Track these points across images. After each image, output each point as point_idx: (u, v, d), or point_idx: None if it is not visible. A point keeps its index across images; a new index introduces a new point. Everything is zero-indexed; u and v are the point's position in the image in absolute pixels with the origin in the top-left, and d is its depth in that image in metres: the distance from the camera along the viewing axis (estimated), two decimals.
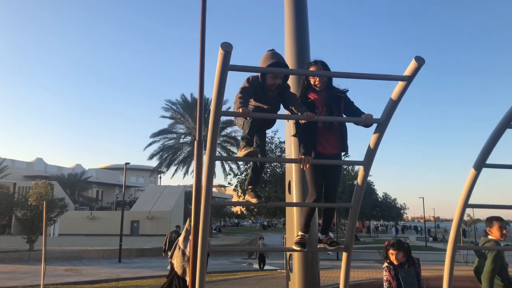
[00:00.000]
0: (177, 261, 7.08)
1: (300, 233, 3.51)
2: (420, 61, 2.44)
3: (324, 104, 3.38)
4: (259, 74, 3.25)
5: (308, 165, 3.12)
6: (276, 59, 3.22)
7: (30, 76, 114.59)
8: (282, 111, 3.43)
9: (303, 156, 3.10)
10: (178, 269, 7.03)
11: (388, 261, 4.42)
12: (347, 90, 3.44)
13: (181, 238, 7.28)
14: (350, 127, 3.43)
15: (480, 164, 2.98)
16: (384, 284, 4.39)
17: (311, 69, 3.48)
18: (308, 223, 3.52)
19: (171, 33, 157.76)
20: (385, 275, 4.39)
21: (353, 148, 3.62)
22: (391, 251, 4.36)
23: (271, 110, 3.32)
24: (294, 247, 3.37)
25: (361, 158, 3.13)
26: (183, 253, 7.00)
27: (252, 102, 3.28)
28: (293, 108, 3.21)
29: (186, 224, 7.22)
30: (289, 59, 4.78)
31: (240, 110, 2.73)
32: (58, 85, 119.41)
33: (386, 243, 4.61)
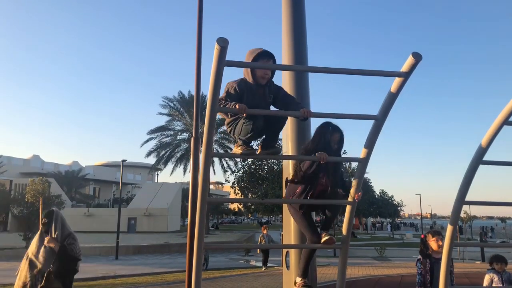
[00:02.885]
0: (20, 276, 4.76)
1: (299, 280, 3.46)
2: (417, 57, 2.42)
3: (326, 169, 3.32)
4: (247, 75, 3.12)
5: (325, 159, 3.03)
6: (262, 49, 3.12)
7: (27, 73, 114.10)
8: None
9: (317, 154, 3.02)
10: (17, 286, 4.71)
11: (423, 254, 4.36)
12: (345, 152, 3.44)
13: (33, 244, 4.97)
14: (349, 122, 3.40)
15: (477, 160, 2.97)
16: (417, 277, 4.35)
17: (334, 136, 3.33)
18: (307, 268, 3.48)
19: (168, 29, 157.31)
20: (419, 268, 4.33)
21: (350, 145, 3.61)
22: (433, 238, 4.31)
23: (264, 108, 3.19)
24: None
25: (358, 154, 3.12)
26: (31, 264, 4.75)
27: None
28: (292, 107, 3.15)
29: (40, 226, 5.09)
30: (286, 54, 4.76)
31: (236, 106, 2.68)
32: (55, 83, 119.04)
33: (422, 235, 4.59)
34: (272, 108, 3.31)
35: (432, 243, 4.33)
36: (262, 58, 3.08)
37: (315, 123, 3.64)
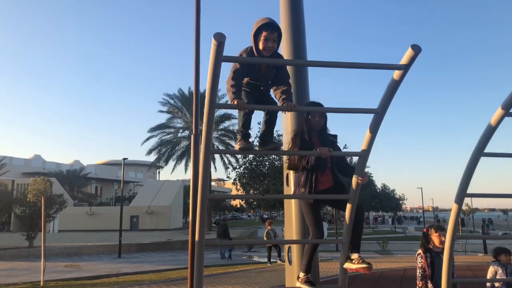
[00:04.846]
0: None
1: (302, 274, 3.44)
2: (416, 49, 2.40)
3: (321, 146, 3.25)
4: (252, 44, 3.07)
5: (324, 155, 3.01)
6: (267, 20, 3.02)
7: (28, 73, 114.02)
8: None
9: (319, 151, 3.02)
10: None
11: (424, 248, 4.35)
12: (336, 136, 3.42)
13: None
14: (348, 116, 3.37)
15: (479, 153, 2.95)
16: (418, 270, 4.34)
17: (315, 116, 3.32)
18: (310, 264, 3.46)
19: (169, 25, 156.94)
20: (420, 261, 4.32)
21: (350, 138, 3.59)
22: (435, 233, 4.30)
23: (263, 81, 3.18)
24: (303, 286, 3.35)
25: (358, 148, 3.10)
26: None
27: (244, 80, 3.10)
28: (278, 91, 3.08)
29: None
30: (285, 48, 4.74)
31: (235, 102, 2.68)
32: (55, 82, 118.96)
33: (424, 229, 4.56)
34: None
35: (435, 238, 4.31)
36: (265, 30, 3.00)
37: None
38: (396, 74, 2.57)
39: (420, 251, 4.42)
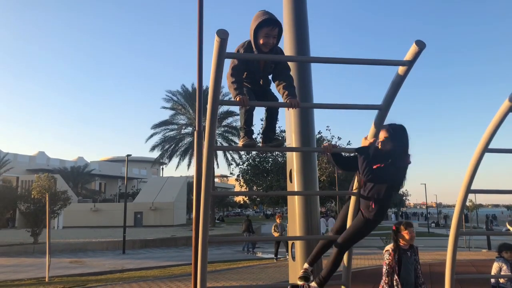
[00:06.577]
0: None
1: (305, 266, 3.47)
2: (420, 45, 2.39)
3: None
4: (251, 38, 2.99)
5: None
6: (267, 16, 2.94)
7: (32, 70, 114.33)
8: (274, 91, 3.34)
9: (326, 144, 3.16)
10: None
11: (395, 245, 4.37)
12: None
13: None
14: (351, 112, 3.37)
15: (483, 149, 2.94)
16: (384, 267, 4.38)
17: (382, 133, 3.11)
18: (318, 257, 3.50)
19: (171, 22, 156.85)
20: (387, 258, 4.35)
21: (354, 134, 3.59)
22: (405, 230, 4.32)
23: (262, 75, 3.15)
24: (298, 282, 3.38)
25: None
26: None
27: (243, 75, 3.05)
28: (280, 86, 3.00)
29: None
30: (287, 45, 4.72)
31: (238, 98, 2.66)
32: (59, 79, 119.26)
33: (394, 227, 4.56)
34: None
35: (405, 234, 4.34)
36: (266, 26, 2.92)
37: (320, 116, 3.59)
38: (400, 70, 2.57)
39: (388, 248, 4.44)
